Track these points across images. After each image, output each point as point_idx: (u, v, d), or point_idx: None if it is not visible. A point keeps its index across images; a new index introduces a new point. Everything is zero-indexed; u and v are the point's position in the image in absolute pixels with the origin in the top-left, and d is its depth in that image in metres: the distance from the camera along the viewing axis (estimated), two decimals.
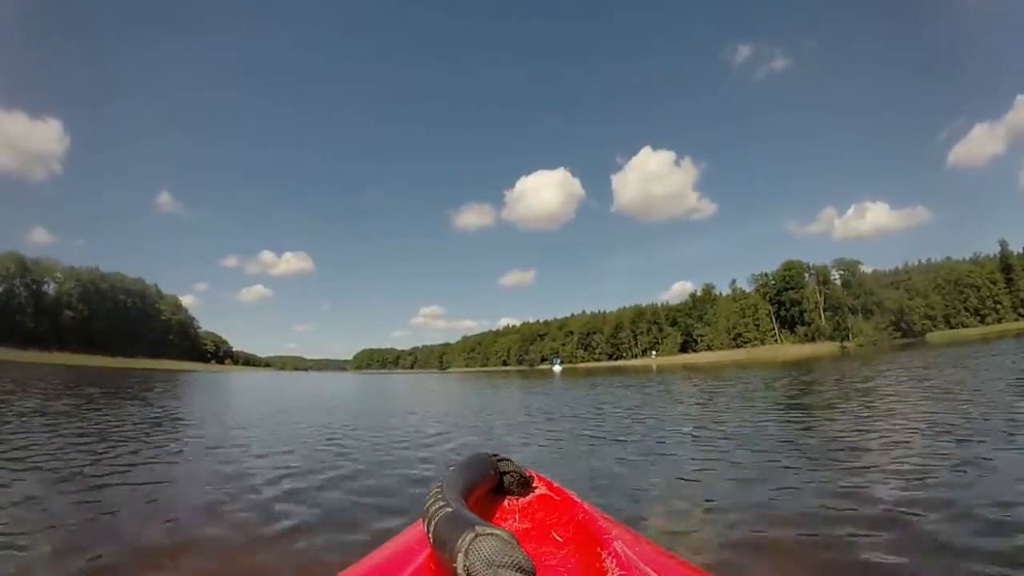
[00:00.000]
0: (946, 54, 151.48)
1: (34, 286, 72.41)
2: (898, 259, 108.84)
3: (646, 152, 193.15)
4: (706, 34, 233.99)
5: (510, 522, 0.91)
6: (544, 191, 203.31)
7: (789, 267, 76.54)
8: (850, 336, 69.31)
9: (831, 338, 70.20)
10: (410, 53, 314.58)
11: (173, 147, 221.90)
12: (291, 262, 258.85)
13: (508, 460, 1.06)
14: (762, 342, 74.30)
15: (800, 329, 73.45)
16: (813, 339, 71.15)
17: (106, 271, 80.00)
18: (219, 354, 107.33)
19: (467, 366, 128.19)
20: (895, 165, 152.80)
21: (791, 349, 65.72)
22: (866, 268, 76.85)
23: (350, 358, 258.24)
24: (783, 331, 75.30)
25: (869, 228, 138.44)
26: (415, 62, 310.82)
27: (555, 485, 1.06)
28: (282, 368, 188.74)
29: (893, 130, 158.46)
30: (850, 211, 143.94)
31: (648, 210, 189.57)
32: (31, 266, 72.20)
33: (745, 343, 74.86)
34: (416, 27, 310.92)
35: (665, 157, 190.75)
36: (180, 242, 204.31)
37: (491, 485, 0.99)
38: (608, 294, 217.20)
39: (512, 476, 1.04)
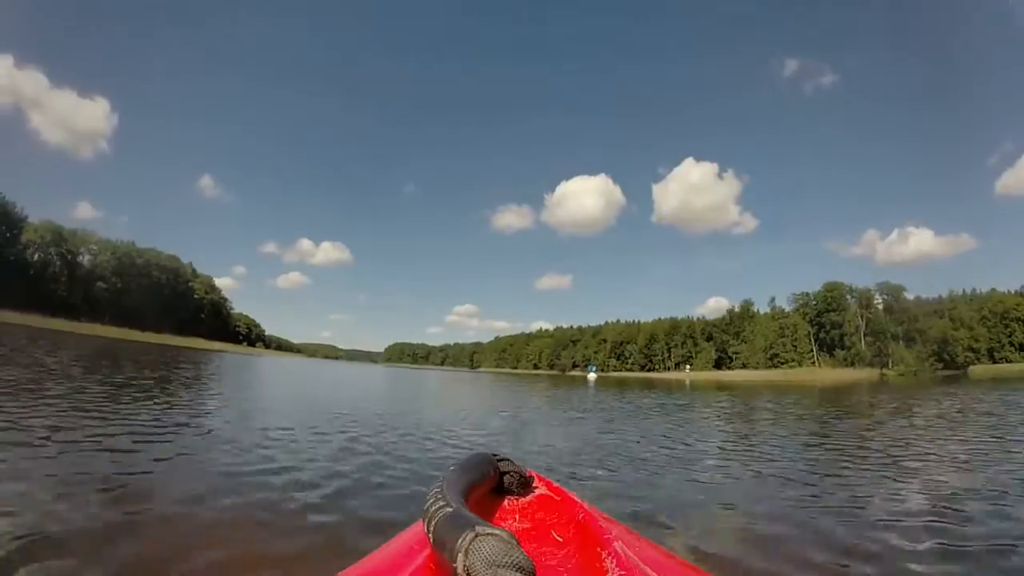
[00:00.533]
0: (996, 76, 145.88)
1: (69, 256, 71.99)
2: (940, 287, 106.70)
3: (688, 163, 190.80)
4: (752, 46, 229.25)
5: (510, 522, 0.90)
6: (585, 196, 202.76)
7: (831, 288, 75.08)
8: (890, 364, 67.90)
9: (871, 364, 68.76)
10: (455, 52, 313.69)
11: (216, 133, 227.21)
12: (329, 252, 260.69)
13: (508, 460, 1.05)
14: (799, 364, 72.84)
15: (839, 353, 71.97)
16: (852, 364, 69.71)
17: (141, 246, 79.58)
18: (251, 337, 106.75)
19: (497, 367, 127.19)
20: (941, 190, 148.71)
21: (829, 373, 64.30)
22: (908, 294, 75.56)
23: (381, 350, 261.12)
24: (821, 354, 73.93)
25: (912, 253, 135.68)
26: (459, 60, 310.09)
27: (555, 485, 1.05)
28: (312, 355, 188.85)
29: (940, 154, 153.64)
30: (893, 235, 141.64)
31: (688, 221, 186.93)
32: (67, 236, 71.74)
33: (782, 363, 73.39)
34: (462, 26, 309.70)
35: (708, 169, 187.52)
36: (220, 225, 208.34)
37: (491, 485, 0.98)
38: (643, 303, 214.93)
39: (512, 476, 1.03)
